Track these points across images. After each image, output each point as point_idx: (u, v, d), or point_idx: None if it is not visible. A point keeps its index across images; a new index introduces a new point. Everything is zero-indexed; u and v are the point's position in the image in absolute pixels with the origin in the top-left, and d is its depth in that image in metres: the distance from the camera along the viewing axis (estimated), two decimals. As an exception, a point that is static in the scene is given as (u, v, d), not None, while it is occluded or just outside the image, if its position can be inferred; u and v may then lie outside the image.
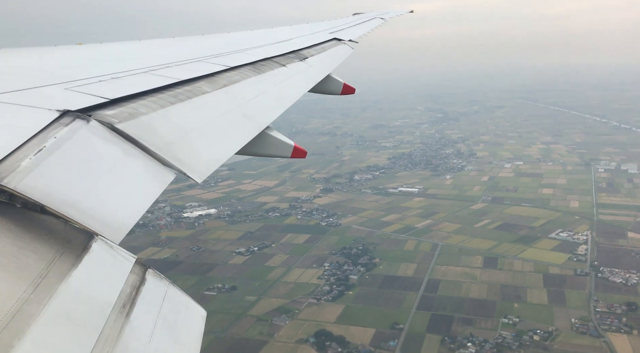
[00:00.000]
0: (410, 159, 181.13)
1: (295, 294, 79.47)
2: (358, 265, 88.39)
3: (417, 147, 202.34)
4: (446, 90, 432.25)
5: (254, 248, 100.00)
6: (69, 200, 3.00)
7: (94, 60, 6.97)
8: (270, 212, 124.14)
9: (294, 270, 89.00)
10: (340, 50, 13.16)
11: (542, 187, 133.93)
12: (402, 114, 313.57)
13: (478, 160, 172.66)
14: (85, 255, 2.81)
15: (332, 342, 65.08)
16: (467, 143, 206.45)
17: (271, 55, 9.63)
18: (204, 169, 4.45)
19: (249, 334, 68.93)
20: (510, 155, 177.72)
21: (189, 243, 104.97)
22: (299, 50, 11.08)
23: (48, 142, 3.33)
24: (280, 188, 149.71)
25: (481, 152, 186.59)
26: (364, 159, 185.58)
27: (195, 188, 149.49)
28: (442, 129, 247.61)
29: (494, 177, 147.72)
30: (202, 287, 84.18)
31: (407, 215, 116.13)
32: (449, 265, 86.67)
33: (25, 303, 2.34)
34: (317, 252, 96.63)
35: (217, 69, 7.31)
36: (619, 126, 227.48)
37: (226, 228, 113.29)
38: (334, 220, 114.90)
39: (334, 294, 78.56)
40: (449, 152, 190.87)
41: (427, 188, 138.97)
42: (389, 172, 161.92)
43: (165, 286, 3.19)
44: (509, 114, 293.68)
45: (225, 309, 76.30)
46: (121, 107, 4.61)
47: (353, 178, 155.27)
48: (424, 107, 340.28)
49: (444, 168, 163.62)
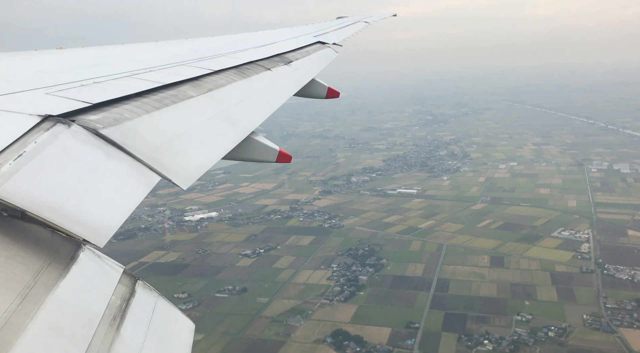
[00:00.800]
0: (405, 160, 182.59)
1: (307, 295, 79.78)
2: (366, 266, 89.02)
3: (410, 149, 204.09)
4: (432, 92, 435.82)
5: (259, 251, 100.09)
6: (51, 204, 2.92)
7: (76, 65, 6.87)
8: (271, 214, 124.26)
9: (303, 271, 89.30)
10: (324, 54, 13.22)
11: (538, 187, 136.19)
12: (391, 116, 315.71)
13: (472, 162, 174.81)
14: (72, 265, 2.78)
15: (349, 341, 65.53)
16: (460, 145, 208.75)
17: (256, 59, 9.57)
18: (190, 175, 4.41)
19: (265, 335, 69.06)
20: (503, 156, 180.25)
21: (193, 246, 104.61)
22: (283, 53, 11.08)
23: (28, 147, 3.27)
24: (278, 191, 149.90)
25: (474, 153, 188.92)
26: (359, 161, 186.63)
27: (194, 191, 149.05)
28: (433, 131, 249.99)
29: (490, 178, 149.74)
30: (212, 289, 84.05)
31: (409, 216, 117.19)
32: (457, 264, 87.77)
33: (13, 314, 2.29)
34: (323, 254, 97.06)
35: (201, 72, 7.26)
36: (606, 127, 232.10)
37: (229, 231, 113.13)
38: (336, 222, 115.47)
39: (346, 295, 79.05)
40: (442, 153, 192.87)
41: (425, 190, 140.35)
42: (386, 174, 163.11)
43: (154, 298, 3.16)
44: (497, 116, 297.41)
45: (238, 311, 76.36)
46: (105, 112, 4.55)
47: (350, 181, 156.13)
48: (412, 110, 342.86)
49: (439, 169, 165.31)
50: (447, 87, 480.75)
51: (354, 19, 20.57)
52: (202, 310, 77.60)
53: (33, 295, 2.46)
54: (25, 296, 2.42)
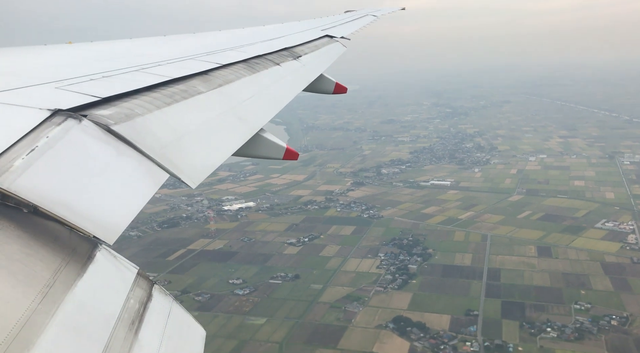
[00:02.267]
0: (432, 152, 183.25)
1: (360, 283, 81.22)
2: (414, 256, 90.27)
3: (435, 142, 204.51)
4: (446, 86, 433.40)
5: (304, 240, 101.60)
6: (62, 200, 2.96)
7: (85, 59, 6.90)
8: (308, 205, 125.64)
9: (350, 260, 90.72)
10: (333, 49, 13.15)
11: (572, 179, 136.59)
12: (409, 109, 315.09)
13: (501, 154, 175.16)
14: (90, 264, 2.81)
15: (412, 327, 66.91)
16: (485, 137, 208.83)
17: (264, 53, 9.53)
18: (198, 173, 4.43)
19: (326, 320, 70.62)
20: (531, 149, 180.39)
21: (237, 234, 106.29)
22: (292, 47, 11.05)
23: (40, 142, 3.30)
24: (310, 182, 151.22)
25: (502, 145, 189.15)
26: (386, 153, 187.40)
27: (227, 182, 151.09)
28: (455, 124, 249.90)
29: (522, 170, 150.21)
30: (264, 276, 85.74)
31: (447, 207, 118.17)
32: (504, 254, 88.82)
33: (34, 313, 2.32)
34: (368, 243, 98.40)
35: (210, 66, 7.26)
36: (630, 120, 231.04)
37: (270, 221, 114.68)
38: (375, 212, 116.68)
39: (399, 283, 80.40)
40: (469, 146, 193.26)
41: (458, 182, 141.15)
42: (415, 166, 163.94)
43: (169, 303, 3.18)
44: (517, 108, 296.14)
45: (295, 296, 78.02)
46: (116, 107, 4.55)
47: (381, 172, 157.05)
48: (430, 103, 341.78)
49: (469, 161, 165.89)
50: (459, 80, 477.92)
51: (362, 12, 20.53)
52: (259, 295, 79.34)
53: (52, 294, 2.48)
54: (45, 295, 2.44)
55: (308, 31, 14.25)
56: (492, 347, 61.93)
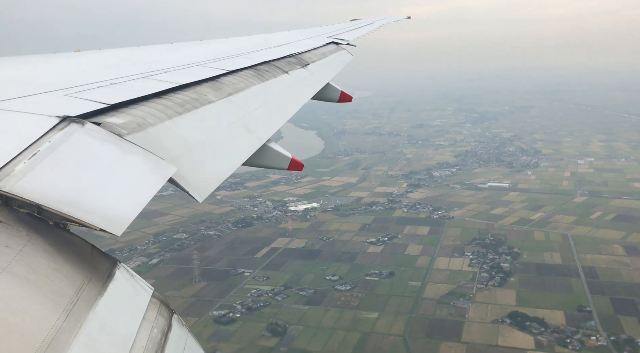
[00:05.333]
0: (476, 156, 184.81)
1: (457, 280, 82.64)
2: (501, 255, 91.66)
3: (474, 145, 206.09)
4: (462, 92, 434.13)
5: (383, 239, 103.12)
6: (66, 198, 2.95)
7: (93, 67, 7.03)
8: (372, 206, 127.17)
9: (439, 259, 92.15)
10: (339, 56, 13.26)
11: (630, 181, 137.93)
12: (434, 114, 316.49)
13: (547, 157, 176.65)
14: (110, 283, 2.83)
15: (530, 322, 68.28)
16: (524, 141, 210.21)
17: (271, 59, 9.64)
18: (206, 187, 4.47)
19: (439, 315, 72.09)
20: (575, 152, 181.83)
21: (314, 234, 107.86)
22: (299, 54, 11.08)
23: (42, 146, 3.32)
24: (364, 184, 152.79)
25: (544, 149, 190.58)
26: (429, 157, 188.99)
27: (280, 184, 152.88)
28: (487, 128, 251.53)
29: (575, 173, 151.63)
30: (358, 273, 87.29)
31: (514, 208, 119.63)
32: (592, 253, 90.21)
33: (59, 331, 2.31)
34: (449, 243, 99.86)
35: (217, 73, 7.33)
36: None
37: (340, 221, 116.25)
38: (443, 213, 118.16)
39: (497, 280, 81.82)
40: (511, 149, 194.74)
41: (515, 184, 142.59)
42: (464, 169, 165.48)
43: (185, 334, 3.16)
44: (544, 113, 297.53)
45: (397, 293, 79.54)
46: (128, 115, 4.57)
47: (432, 175, 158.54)
48: (453, 108, 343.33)
49: (518, 164, 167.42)
50: (472, 85, 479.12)
51: (367, 21, 20.59)
52: (361, 291, 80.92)
53: (76, 313, 2.47)
54: (70, 313, 2.44)
55: (314, 38, 14.31)
56: (620, 341, 63.21)
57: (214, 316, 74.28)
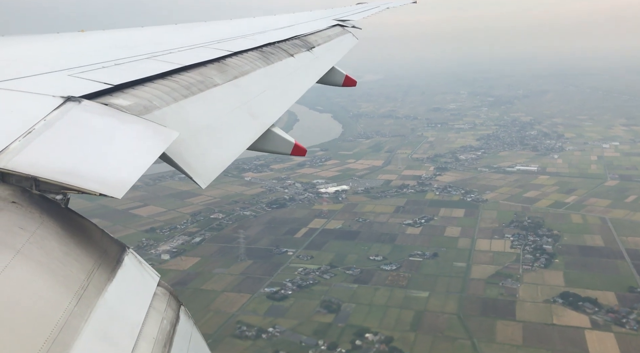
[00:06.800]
0: (499, 139, 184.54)
1: (502, 261, 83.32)
2: (542, 237, 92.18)
3: (495, 129, 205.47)
4: (473, 75, 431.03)
5: (420, 221, 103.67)
6: (64, 169, 2.96)
7: (97, 47, 6.98)
8: (403, 188, 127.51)
9: (479, 240, 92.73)
10: (345, 40, 13.08)
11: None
12: (448, 98, 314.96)
13: (571, 141, 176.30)
14: (119, 269, 2.84)
15: (583, 302, 69.03)
16: (544, 125, 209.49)
17: (277, 40, 9.55)
18: (209, 173, 4.45)
19: (489, 294, 72.91)
20: (598, 136, 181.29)
21: (349, 215, 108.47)
22: (304, 36, 10.93)
23: (38, 125, 3.32)
24: (390, 167, 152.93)
25: (567, 133, 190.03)
26: (451, 140, 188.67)
27: (306, 166, 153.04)
28: (506, 112, 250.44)
29: (602, 157, 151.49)
30: (401, 253, 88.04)
31: (547, 191, 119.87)
32: (634, 236, 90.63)
33: (71, 315, 2.31)
34: (486, 225, 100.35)
35: (222, 54, 7.24)
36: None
37: (373, 203, 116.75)
38: (476, 196, 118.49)
39: (542, 262, 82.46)
40: (532, 133, 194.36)
41: (543, 167, 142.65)
42: (489, 152, 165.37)
43: (190, 327, 3.16)
44: (560, 98, 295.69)
45: (443, 273, 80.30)
46: (134, 97, 4.56)
47: (458, 158, 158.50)
48: (467, 92, 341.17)
49: (543, 148, 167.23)
50: (484, 69, 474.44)
51: (373, 4, 20.45)
52: (407, 271, 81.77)
53: (86, 297, 2.48)
54: (80, 297, 2.44)
55: (320, 21, 14.16)
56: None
57: (266, 293, 75.30)
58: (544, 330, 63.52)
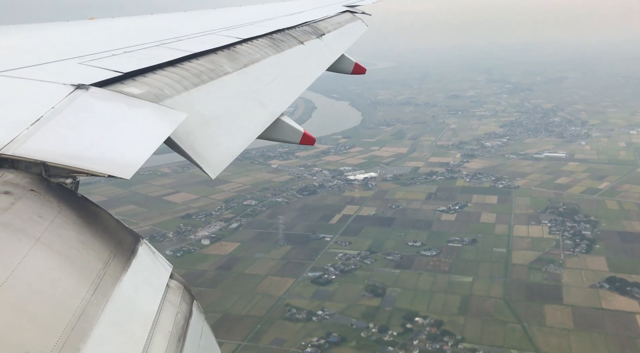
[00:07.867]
0: (523, 126, 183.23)
1: (543, 247, 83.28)
2: (579, 223, 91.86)
3: (517, 116, 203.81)
4: (487, 62, 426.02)
5: (454, 207, 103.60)
6: (72, 153, 2.98)
7: (107, 35, 6.98)
8: (432, 175, 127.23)
9: (517, 226, 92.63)
10: (355, 27, 12.95)
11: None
12: (466, 85, 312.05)
13: (596, 128, 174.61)
14: (133, 259, 2.86)
15: (631, 287, 68.94)
16: (567, 112, 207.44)
17: (286, 27, 9.46)
18: (218, 163, 4.45)
19: (534, 280, 73.04)
20: (624, 123, 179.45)
21: (381, 202, 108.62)
22: (313, 23, 10.82)
23: (46, 113, 3.33)
24: (415, 154, 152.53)
25: (591, 120, 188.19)
26: (474, 127, 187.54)
27: (330, 154, 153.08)
28: (526, 99, 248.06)
29: (630, 143, 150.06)
30: (440, 239, 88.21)
31: (578, 178, 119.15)
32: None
33: (88, 304, 2.34)
34: (521, 211, 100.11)
35: (231, 41, 7.19)
36: None
37: (403, 190, 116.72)
38: (507, 183, 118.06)
39: (583, 247, 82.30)
40: (556, 120, 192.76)
41: (572, 154, 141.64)
42: (514, 139, 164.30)
43: (202, 321, 3.17)
44: (579, 84, 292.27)
45: (484, 259, 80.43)
46: (145, 85, 4.56)
47: (484, 145, 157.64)
48: (484, 79, 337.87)
49: (568, 135, 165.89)
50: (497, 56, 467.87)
51: None
52: (447, 256, 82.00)
53: (103, 287, 2.51)
54: (97, 287, 2.47)
55: (328, 7, 14.02)
56: None
57: (310, 277, 75.96)
58: (593, 315, 63.65)
